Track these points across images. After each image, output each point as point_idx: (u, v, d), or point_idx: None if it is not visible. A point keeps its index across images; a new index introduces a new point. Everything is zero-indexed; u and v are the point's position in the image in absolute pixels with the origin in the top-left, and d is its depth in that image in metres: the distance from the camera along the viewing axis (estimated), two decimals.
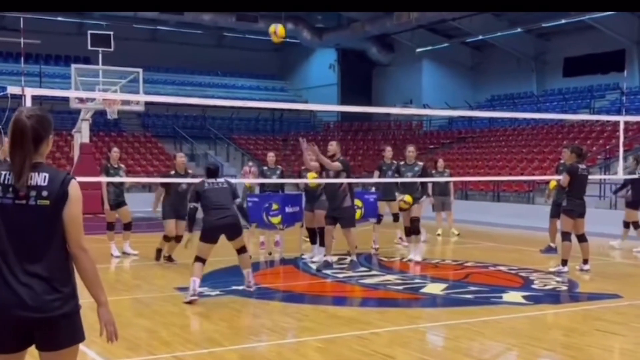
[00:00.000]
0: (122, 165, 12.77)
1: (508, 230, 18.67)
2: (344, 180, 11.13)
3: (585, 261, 11.24)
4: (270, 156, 13.67)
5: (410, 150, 12.80)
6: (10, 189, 3.21)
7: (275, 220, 12.26)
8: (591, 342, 6.81)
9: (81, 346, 3.40)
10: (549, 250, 13.48)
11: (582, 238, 11.11)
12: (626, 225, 14.35)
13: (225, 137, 33.11)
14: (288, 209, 12.30)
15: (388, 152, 13.70)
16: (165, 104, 30.99)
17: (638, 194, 14.14)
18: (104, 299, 3.35)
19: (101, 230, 12.96)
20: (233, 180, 9.93)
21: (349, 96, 36.29)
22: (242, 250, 9.04)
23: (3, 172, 3.26)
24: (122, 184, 12.44)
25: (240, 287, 9.48)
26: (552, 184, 12.76)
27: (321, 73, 38.92)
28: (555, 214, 12.94)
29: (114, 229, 12.63)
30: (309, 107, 29.55)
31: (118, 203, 12.46)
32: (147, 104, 24.26)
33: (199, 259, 8.76)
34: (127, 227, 12.69)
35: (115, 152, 12.71)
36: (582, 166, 10.98)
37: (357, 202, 12.93)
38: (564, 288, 9.88)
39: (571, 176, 10.85)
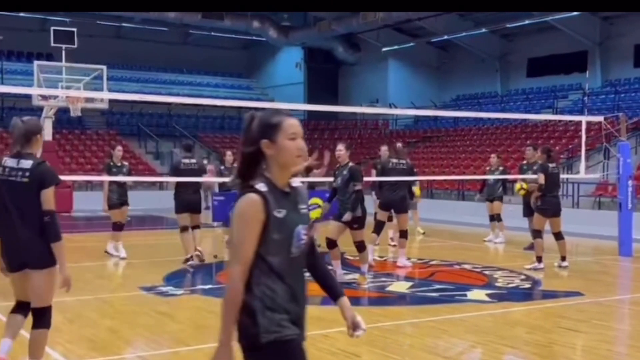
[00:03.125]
0: (126, 164, 12.38)
1: (473, 228, 18.83)
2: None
3: (563, 258, 11.45)
4: (228, 155, 13.64)
5: (384, 149, 12.99)
6: None
7: None
8: (554, 340, 6.89)
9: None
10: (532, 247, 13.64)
11: (558, 236, 11.34)
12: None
13: (190, 135, 32.87)
14: None
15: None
16: (130, 101, 30.72)
17: None
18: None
19: (98, 228, 12.61)
20: (200, 179, 10.06)
21: (315, 95, 36.30)
22: (197, 227, 11.35)
23: None
24: (125, 182, 12.10)
25: (207, 287, 9.43)
26: (517, 187, 12.87)
27: (288, 72, 38.87)
28: (527, 213, 13.10)
29: (122, 229, 12.30)
30: (275, 105, 29.46)
31: (122, 202, 12.11)
32: (111, 101, 23.97)
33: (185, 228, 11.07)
34: (120, 227, 12.32)
35: (119, 150, 12.32)
36: (552, 165, 11.22)
37: (319, 201, 13.01)
38: (527, 286, 9.99)
39: (545, 175, 11.02)
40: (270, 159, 2.90)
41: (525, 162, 15.05)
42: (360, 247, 9.54)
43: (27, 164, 5.02)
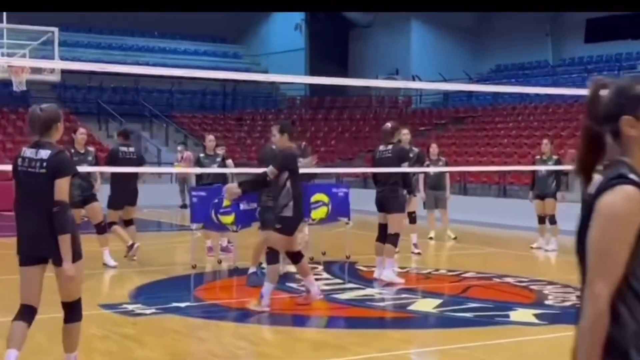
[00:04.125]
0: (92, 150, 12.40)
1: (517, 232, 18.81)
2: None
3: None
4: (209, 140, 13.63)
5: (405, 132, 12.85)
6: None
7: (227, 219, 12.19)
8: None
9: None
10: None
11: None
12: None
13: (163, 114, 32.90)
14: (243, 206, 12.23)
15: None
16: (88, 72, 30.65)
17: None
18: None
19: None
20: (173, 170, 10.05)
21: (319, 65, 36.26)
22: (130, 222, 12.28)
23: None
24: (90, 174, 12.04)
25: (184, 304, 9.43)
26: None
27: (285, 36, 38.81)
28: None
29: (106, 231, 12.33)
30: (270, 77, 29.36)
31: (85, 199, 12.02)
32: (64, 72, 23.93)
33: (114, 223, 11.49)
34: (100, 229, 12.30)
35: (81, 134, 12.26)
36: None
37: (323, 198, 13.00)
38: None
39: None
40: (631, 141, 2.65)
41: (540, 156, 15.05)
42: (272, 256, 9.18)
43: (44, 154, 5.82)
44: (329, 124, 35.39)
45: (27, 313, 5.89)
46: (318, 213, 13.02)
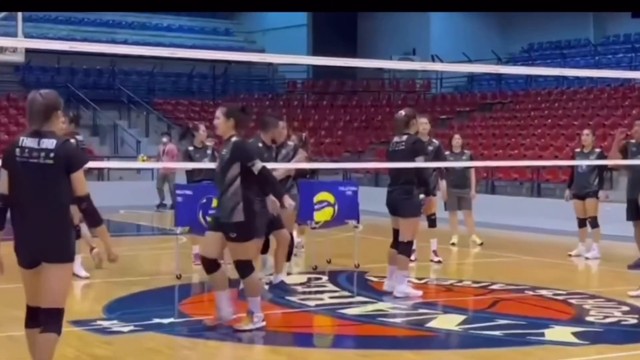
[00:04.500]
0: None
1: (553, 237, 18.77)
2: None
3: None
4: (202, 130, 13.68)
5: (424, 122, 12.88)
6: None
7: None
8: None
9: None
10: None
11: None
12: None
13: (143, 101, 32.88)
14: None
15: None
16: (56, 52, 30.68)
17: None
18: None
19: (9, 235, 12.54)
20: (155, 165, 9.97)
21: (324, 43, 36.16)
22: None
23: None
24: None
25: (167, 320, 9.42)
26: None
27: None
28: (634, 216, 13.04)
29: (79, 237, 12.16)
30: (266, 57, 29.34)
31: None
32: (28, 51, 23.96)
33: None
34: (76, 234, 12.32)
35: (62, 122, 12.45)
36: None
37: (328, 197, 13.02)
38: (633, 322, 9.93)
39: None
40: None
41: (580, 149, 15.00)
42: (243, 268, 8.94)
43: (50, 143, 6.10)
44: (335, 111, 35.34)
45: (35, 315, 6.26)
46: (322, 215, 13.02)
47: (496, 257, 15.80)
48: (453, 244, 16.68)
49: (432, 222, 14.50)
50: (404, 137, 11.13)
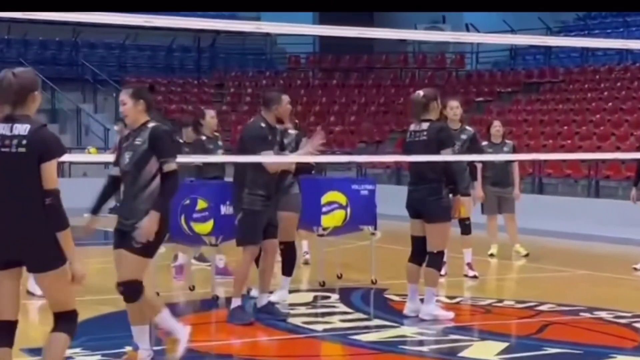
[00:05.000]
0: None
1: (614, 247, 18.74)
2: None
3: None
4: (210, 117, 13.99)
5: (455, 106, 12.99)
6: None
7: (203, 227, 12.16)
8: None
9: None
10: None
11: None
12: None
13: (112, 79, 32.89)
14: (224, 209, 12.22)
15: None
16: (6, 20, 30.69)
17: None
18: None
19: None
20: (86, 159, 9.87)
21: (333, 10, 36.18)
22: None
23: None
24: None
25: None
26: None
27: None
28: None
29: None
30: (263, 27, 29.32)
31: None
32: None
33: None
34: None
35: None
36: None
37: (339, 198, 12.99)
38: None
39: None
40: None
41: None
42: (133, 289, 8.46)
43: (23, 129, 6.34)
44: (346, 93, 35.35)
45: (5, 330, 6.63)
46: (332, 219, 12.98)
47: (544, 271, 15.81)
48: (492, 255, 16.69)
49: (465, 229, 14.43)
50: (425, 125, 10.98)
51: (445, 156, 10.93)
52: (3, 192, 6.34)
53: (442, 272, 12.67)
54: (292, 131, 12.14)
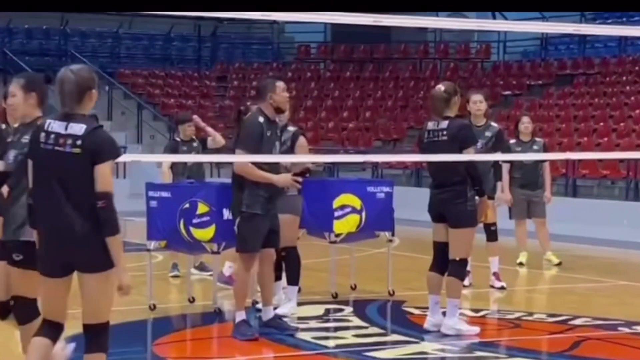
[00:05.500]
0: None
1: None
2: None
3: None
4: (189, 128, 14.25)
5: (478, 100, 13.01)
6: None
7: (203, 233, 12.18)
8: None
9: None
10: None
11: None
12: None
13: (105, 72, 32.92)
14: (227, 214, 12.23)
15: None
16: None
17: None
18: None
19: None
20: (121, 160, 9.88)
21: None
22: None
23: None
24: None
25: None
26: None
27: None
28: None
29: None
30: (270, 14, 29.40)
31: None
32: None
33: None
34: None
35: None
36: None
37: (353, 201, 13.01)
38: None
39: None
40: None
41: None
42: (25, 309, 7.91)
43: (78, 128, 6.69)
44: (361, 86, 35.34)
45: (52, 329, 6.94)
46: (345, 224, 12.96)
47: (578, 281, 15.81)
48: (521, 263, 16.67)
49: (492, 235, 14.40)
50: (444, 123, 10.96)
51: (469, 155, 10.95)
52: (55, 192, 6.67)
53: (466, 282, 12.71)
54: (291, 128, 12.09)
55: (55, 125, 6.72)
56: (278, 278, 12.44)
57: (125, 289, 6.79)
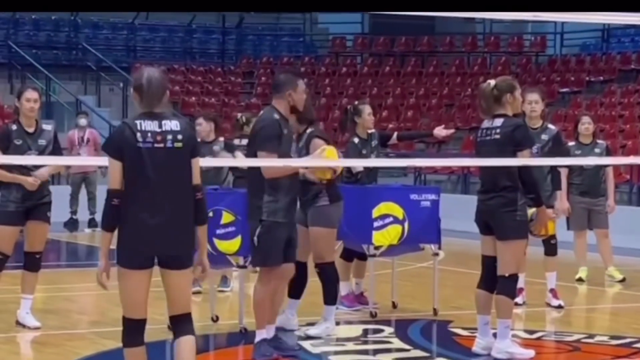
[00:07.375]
0: (48, 127, 12.47)
1: None
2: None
3: None
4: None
5: (533, 100, 13.09)
6: None
7: (229, 245, 12.16)
8: None
9: None
10: None
11: None
12: None
13: (119, 67, 33.01)
14: None
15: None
16: None
17: None
18: None
19: None
20: (77, 161, 9.98)
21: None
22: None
23: None
24: (37, 167, 12.01)
25: None
26: None
27: None
28: None
29: (40, 267, 12.46)
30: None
31: (27, 209, 12.14)
32: None
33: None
34: (34, 264, 12.37)
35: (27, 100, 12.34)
36: None
37: (395, 210, 12.98)
38: None
39: None
40: None
41: None
42: None
43: (173, 124, 7.73)
44: (402, 82, 35.35)
45: (142, 329, 8.18)
46: (386, 236, 12.94)
47: None
48: (580, 279, 16.64)
49: (550, 248, 14.32)
50: (498, 122, 10.94)
51: (523, 159, 10.88)
52: (158, 188, 7.63)
53: (520, 300, 12.67)
54: (307, 130, 11.99)
55: (147, 125, 7.61)
56: (296, 296, 12.41)
57: (206, 272, 8.16)
